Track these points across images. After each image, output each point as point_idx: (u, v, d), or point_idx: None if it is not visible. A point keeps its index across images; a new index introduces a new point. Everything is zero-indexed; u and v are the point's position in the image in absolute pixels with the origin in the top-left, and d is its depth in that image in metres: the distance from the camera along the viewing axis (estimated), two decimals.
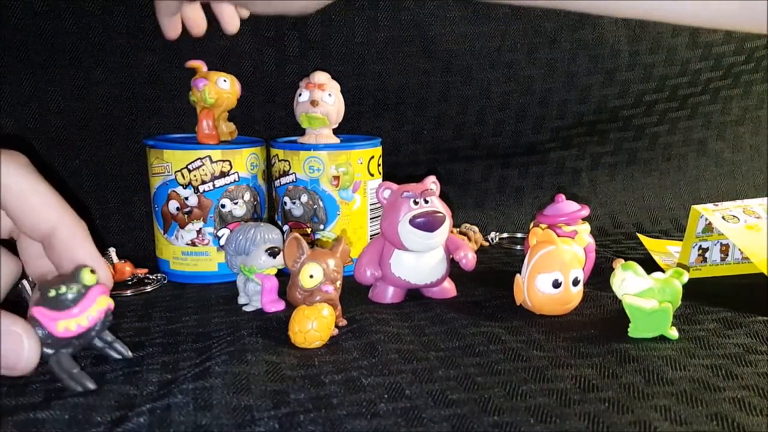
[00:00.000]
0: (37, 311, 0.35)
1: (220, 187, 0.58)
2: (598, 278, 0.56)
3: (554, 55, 0.75)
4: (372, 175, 0.62)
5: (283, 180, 0.61)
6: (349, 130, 0.69)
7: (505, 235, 0.79)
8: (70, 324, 0.35)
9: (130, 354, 0.41)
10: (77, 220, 0.39)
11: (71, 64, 0.66)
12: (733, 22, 0.33)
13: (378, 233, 0.58)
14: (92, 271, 0.36)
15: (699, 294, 0.53)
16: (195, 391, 0.37)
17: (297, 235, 0.46)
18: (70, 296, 0.35)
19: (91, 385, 0.37)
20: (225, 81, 0.59)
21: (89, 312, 0.36)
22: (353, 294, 0.55)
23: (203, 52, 0.67)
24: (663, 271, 0.47)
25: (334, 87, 0.61)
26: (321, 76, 0.60)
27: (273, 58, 0.70)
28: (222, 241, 0.59)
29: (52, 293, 0.35)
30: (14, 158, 0.37)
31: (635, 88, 0.78)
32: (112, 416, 0.35)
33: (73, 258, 0.38)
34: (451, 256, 0.54)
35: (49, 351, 0.36)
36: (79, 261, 0.38)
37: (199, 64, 0.59)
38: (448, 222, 0.51)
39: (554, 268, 0.48)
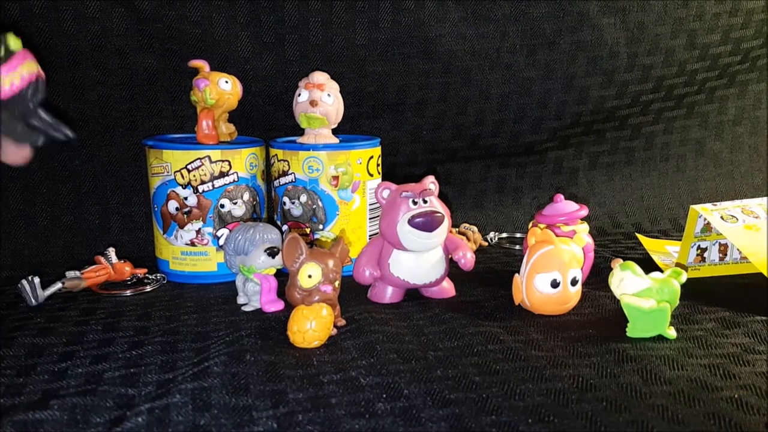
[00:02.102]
0: None
1: (220, 187, 0.58)
2: (597, 278, 0.56)
3: (553, 56, 0.75)
4: (371, 175, 0.62)
5: (283, 180, 0.61)
6: (349, 130, 0.69)
7: (504, 234, 0.79)
8: (5, 81, 0.36)
9: (70, 134, 0.39)
10: None
11: (69, 65, 0.66)
12: None
13: (377, 233, 0.58)
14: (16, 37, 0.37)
15: (697, 294, 0.53)
16: (194, 391, 0.37)
17: (296, 235, 0.46)
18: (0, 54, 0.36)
19: (71, 133, 0.38)
20: (227, 82, 0.59)
21: (21, 71, 0.36)
22: (352, 294, 0.55)
23: (203, 52, 0.67)
24: (661, 271, 0.47)
25: (333, 87, 0.61)
26: (320, 77, 0.60)
27: (273, 59, 0.70)
28: (221, 241, 0.59)
29: None
30: None
31: (633, 89, 0.78)
32: (110, 416, 0.35)
33: None
34: (449, 256, 0.54)
35: None
36: None
37: (202, 64, 0.59)
38: (446, 222, 0.52)
39: (553, 267, 0.48)
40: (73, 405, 0.36)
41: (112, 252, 0.60)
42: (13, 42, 0.37)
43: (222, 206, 0.59)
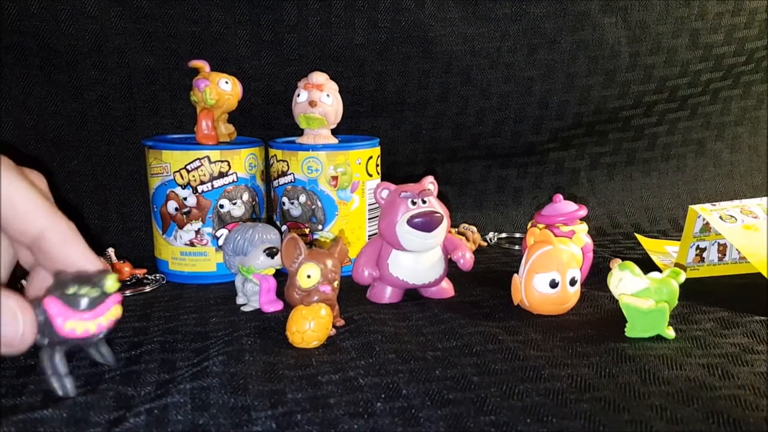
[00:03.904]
0: (52, 302, 0.34)
1: (219, 187, 0.58)
2: (596, 278, 0.56)
3: (554, 56, 0.75)
4: (370, 175, 0.62)
5: (282, 180, 0.61)
6: (348, 130, 0.69)
7: (503, 235, 0.79)
8: (77, 326, 0.34)
9: (112, 362, 0.40)
10: (66, 222, 0.37)
11: (68, 64, 0.66)
12: None
13: (376, 233, 0.58)
14: (114, 280, 0.35)
15: (696, 294, 0.53)
16: (193, 391, 0.37)
17: (295, 235, 0.46)
18: (88, 299, 0.34)
19: (73, 393, 0.36)
20: (227, 83, 0.59)
21: (100, 320, 0.35)
22: (351, 294, 0.55)
23: (202, 51, 0.67)
24: (660, 271, 0.47)
25: (333, 87, 0.61)
26: (319, 77, 0.60)
27: (272, 58, 0.70)
28: (220, 242, 0.59)
29: (71, 291, 0.34)
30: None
31: (635, 89, 0.78)
32: (110, 416, 0.35)
33: (67, 261, 0.37)
34: (449, 256, 0.54)
35: (44, 341, 0.35)
36: (74, 264, 0.36)
37: (202, 65, 0.59)
38: (445, 222, 0.52)
39: (551, 268, 0.48)
40: (72, 405, 0.36)
41: (111, 252, 0.61)
42: (111, 284, 0.35)
43: (221, 206, 0.59)
